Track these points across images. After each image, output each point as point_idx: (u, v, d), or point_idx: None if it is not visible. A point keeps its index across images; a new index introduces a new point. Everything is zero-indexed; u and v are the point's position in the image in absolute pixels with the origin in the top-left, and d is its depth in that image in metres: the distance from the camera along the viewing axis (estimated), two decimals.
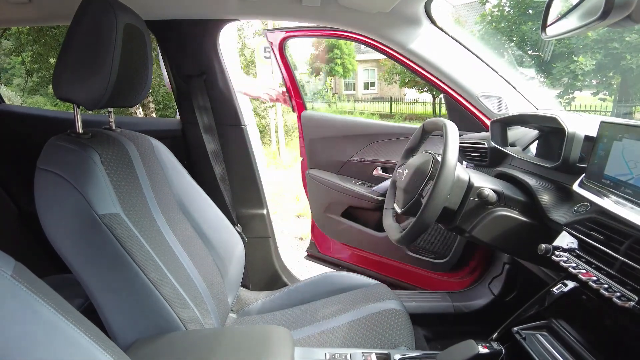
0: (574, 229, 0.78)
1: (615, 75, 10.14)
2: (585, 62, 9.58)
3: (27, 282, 0.42)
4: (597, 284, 0.65)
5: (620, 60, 9.29)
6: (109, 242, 0.71)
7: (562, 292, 0.80)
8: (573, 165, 0.87)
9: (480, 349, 0.72)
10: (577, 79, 10.17)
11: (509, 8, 11.12)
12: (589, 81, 10.64)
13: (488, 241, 0.92)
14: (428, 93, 14.70)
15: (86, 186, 0.72)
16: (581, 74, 9.82)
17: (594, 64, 9.62)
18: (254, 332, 0.79)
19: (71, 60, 0.76)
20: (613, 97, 10.45)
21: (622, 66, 9.34)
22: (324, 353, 0.81)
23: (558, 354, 0.73)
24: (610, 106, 10.29)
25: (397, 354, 0.82)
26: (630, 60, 9.14)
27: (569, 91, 10.59)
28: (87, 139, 0.81)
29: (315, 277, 1.23)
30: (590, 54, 9.62)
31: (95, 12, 0.75)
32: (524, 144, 1.22)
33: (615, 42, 9.19)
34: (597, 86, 10.67)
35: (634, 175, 0.64)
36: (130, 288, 0.72)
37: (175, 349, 0.69)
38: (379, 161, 1.71)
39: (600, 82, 10.59)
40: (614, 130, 0.70)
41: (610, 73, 10.15)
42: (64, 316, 0.44)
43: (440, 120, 0.93)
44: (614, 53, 9.31)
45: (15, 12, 1.17)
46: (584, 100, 10.53)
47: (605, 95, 10.63)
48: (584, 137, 0.86)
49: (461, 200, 0.90)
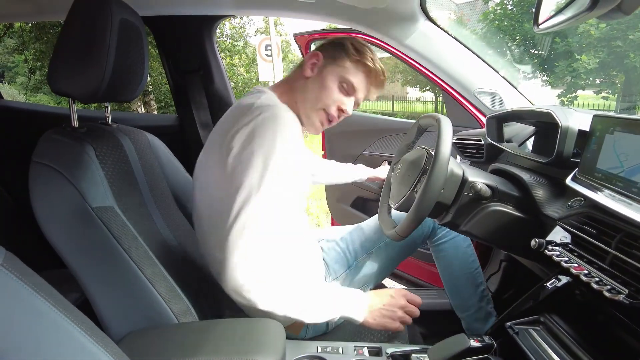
0: (568, 223, 0.78)
1: (618, 74, 10.08)
2: (588, 61, 9.51)
3: (17, 272, 0.42)
4: (588, 278, 0.64)
5: (624, 58, 9.23)
6: (102, 235, 0.72)
7: (556, 287, 0.80)
8: (567, 160, 0.87)
9: (471, 342, 0.72)
10: (579, 78, 10.11)
11: (511, 6, 11.07)
12: (591, 80, 10.58)
13: (482, 236, 0.92)
14: (430, 92, 14.67)
15: (80, 179, 0.73)
16: (584, 72, 9.76)
17: (597, 63, 9.55)
18: (246, 325, 0.79)
19: (67, 54, 0.77)
20: (616, 96, 10.39)
21: (625, 64, 9.27)
22: (315, 346, 0.81)
23: (550, 348, 0.73)
24: (614, 105, 10.23)
25: (389, 347, 0.82)
26: (634, 59, 9.07)
27: (571, 90, 10.53)
28: (82, 133, 0.82)
29: None
30: (593, 52, 9.56)
31: (90, 7, 0.76)
32: (520, 140, 1.22)
33: (619, 40, 9.12)
34: (600, 85, 10.61)
35: (625, 167, 0.64)
36: (123, 281, 0.73)
37: (167, 341, 0.69)
38: (387, 155, 1.79)
39: (603, 81, 10.54)
40: (606, 123, 0.70)
41: (613, 71, 10.09)
42: (54, 307, 0.44)
43: (435, 116, 0.93)
44: (617, 51, 9.25)
45: (12, 7, 1.17)
46: (587, 99, 10.48)
47: (608, 93, 10.57)
48: (578, 131, 0.86)
49: (455, 195, 0.90)
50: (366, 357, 0.80)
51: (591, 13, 0.53)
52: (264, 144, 0.74)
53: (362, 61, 0.91)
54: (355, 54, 0.91)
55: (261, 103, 0.81)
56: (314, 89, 0.90)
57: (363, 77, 0.93)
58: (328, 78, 0.90)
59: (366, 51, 0.92)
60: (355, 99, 0.94)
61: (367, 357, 0.80)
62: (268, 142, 0.74)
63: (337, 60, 0.91)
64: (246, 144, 0.74)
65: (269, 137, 0.74)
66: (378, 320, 0.84)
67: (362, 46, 0.93)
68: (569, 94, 10.54)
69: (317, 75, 0.91)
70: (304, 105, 0.91)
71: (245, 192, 0.72)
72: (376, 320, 0.84)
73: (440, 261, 1.23)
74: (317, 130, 0.94)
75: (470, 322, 1.20)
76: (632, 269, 0.60)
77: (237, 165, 0.74)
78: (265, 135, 0.74)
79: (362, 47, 0.93)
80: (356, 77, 0.91)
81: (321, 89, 0.90)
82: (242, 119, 0.78)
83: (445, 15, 15.12)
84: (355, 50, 0.92)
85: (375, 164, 1.76)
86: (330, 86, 0.90)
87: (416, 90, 15.78)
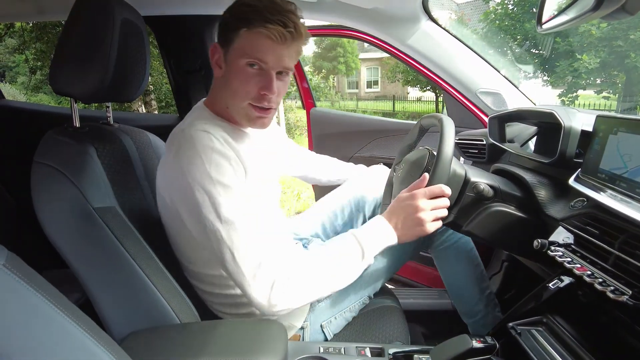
0: (570, 224, 0.78)
1: (619, 74, 10.08)
2: (589, 61, 9.51)
3: (20, 272, 0.42)
4: (591, 278, 0.64)
5: (625, 58, 9.23)
6: (104, 235, 0.72)
7: (558, 288, 0.79)
8: (570, 160, 0.87)
9: (474, 343, 0.72)
10: (580, 77, 10.11)
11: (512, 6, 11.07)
12: (592, 79, 10.58)
13: (484, 236, 0.92)
14: (431, 91, 14.67)
15: (82, 179, 0.73)
16: (585, 72, 9.76)
17: (598, 62, 9.55)
18: (248, 325, 0.79)
19: (68, 54, 0.77)
20: (617, 96, 10.39)
21: (626, 64, 9.28)
22: (317, 347, 0.81)
23: (552, 349, 0.72)
24: (615, 105, 10.23)
25: (391, 348, 0.82)
26: (635, 59, 9.07)
27: (572, 89, 10.54)
28: (83, 133, 0.82)
29: None
30: (594, 52, 9.56)
31: (92, 7, 0.76)
32: (522, 140, 1.22)
33: (620, 40, 9.12)
34: (601, 84, 10.61)
35: (629, 168, 0.64)
36: (124, 281, 0.73)
37: (169, 341, 0.69)
38: (382, 157, 1.73)
39: (604, 81, 10.54)
40: (610, 124, 0.70)
41: (614, 71, 10.09)
42: (56, 307, 0.44)
43: (437, 116, 0.93)
44: (618, 51, 9.25)
45: (14, 7, 1.18)
46: (588, 99, 10.48)
47: (609, 93, 10.57)
48: (581, 131, 0.86)
49: (457, 195, 0.90)
50: (368, 357, 0.80)
51: (595, 13, 0.52)
52: (195, 175, 0.71)
53: (248, 24, 0.74)
54: (239, 22, 0.75)
55: (181, 127, 0.78)
56: (229, 86, 0.79)
57: (260, 38, 0.74)
58: (233, 65, 0.78)
59: (246, 11, 0.75)
60: (275, 69, 0.77)
61: (369, 358, 0.80)
62: (198, 172, 0.71)
63: (230, 42, 0.77)
64: (181, 177, 0.72)
65: (196, 165, 0.71)
66: (412, 232, 0.81)
67: (241, 7, 0.76)
68: (569, 93, 10.54)
69: (225, 69, 0.80)
70: (231, 106, 0.81)
71: (215, 229, 0.70)
72: (410, 232, 0.81)
73: (444, 266, 1.17)
74: (262, 124, 0.82)
75: (477, 329, 1.15)
76: (635, 270, 0.60)
77: (185, 203, 0.73)
78: (190, 164, 0.72)
79: (241, 9, 0.76)
80: (255, 45, 0.75)
81: (234, 81, 0.78)
82: (169, 148, 0.77)
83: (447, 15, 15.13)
84: (237, 18, 0.76)
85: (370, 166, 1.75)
86: (239, 73, 0.77)
87: (417, 90, 15.78)
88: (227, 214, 0.70)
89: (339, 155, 1.79)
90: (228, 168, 0.74)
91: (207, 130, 0.75)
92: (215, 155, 0.73)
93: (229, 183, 0.72)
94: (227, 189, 0.72)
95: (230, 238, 0.70)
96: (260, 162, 0.86)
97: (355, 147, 1.81)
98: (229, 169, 0.74)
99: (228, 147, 0.77)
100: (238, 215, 0.71)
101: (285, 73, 0.80)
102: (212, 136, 0.75)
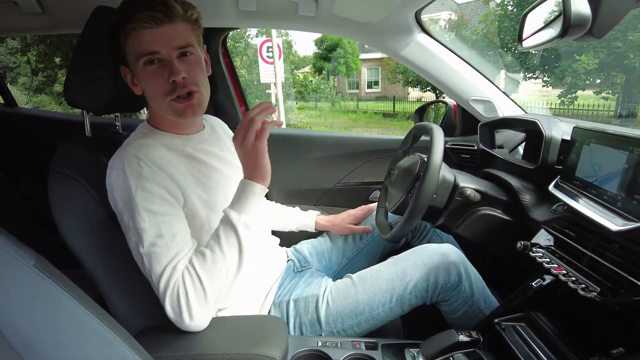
0: (551, 226, 0.84)
1: (618, 74, 10.11)
2: (588, 61, 9.55)
3: (48, 272, 0.47)
4: (565, 277, 0.70)
5: (624, 59, 9.26)
6: (119, 237, 0.77)
7: (541, 286, 0.85)
8: (551, 167, 0.92)
9: (460, 337, 0.77)
10: (579, 78, 10.14)
11: (512, 7, 11.10)
12: (591, 80, 10.60)
13: (472, 238, 0.98)
14: (431, 92, 14.69)
15: (96, 187, 0.79)
16: (584, 73, 9.80)
17: (597, 63, 9.58)
18: (252, 320, 0.85)
19: (80, 68, 0.83)
20: (616, 96, 10.41)
21: (625, 65, 9.31)
22: (315, 341, 0.87)
23: (534, 343, 0.78)
24: (614, 105, 10.26)
25: (384, 341, 0.88)
26: (634, 59, 9.10)
27: (571, 90, 10.56)
28: (96, 142, 0.88)
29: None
30: (593, 53, 9.59)
31: (103, 22, 0.82)
32: (511, 146, 1.27)
33: (619, 41, 9.15)
34: (600, 85, 10.64)
35: (599, 177, 0.70)
36: (139, 279, 0.78)
37: (179, 335, 0.75)
38: (373, 182, 1.51)
39: (603, 81, 10.56)
40: (584, 135, 0.76)
41: (613, 72, 10.12)
42: (82, 305, 0.48)
43: (428, 124, 0.99)
44: (617, 52, 9.28)
45: (29, 22, 1.23)
46: (587, 100, 10.50)
47: (608, 94, 10.60)
48: (561, 140, 0.91)
49: (447, 200, 0.96)
50: (363, 350, 0.86)
51: (563, 39, 0.58)
52: (124, 200, 0.75)
53: (122, 27, 0.75)
54: (116, 31, 0.77)
55: (121, 148, 0.81)
56: (147, 94, 0.82)
57: (136, 32, 0.74)
58: (138, 73, 0.79)
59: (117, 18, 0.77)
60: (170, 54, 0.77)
61: (364, 351, 0.85)
62: (122, 188, 0.75)
63: (125, 54, 0.79)
64: (115, 200, 0.77)
65: (126, 191, 0.75)
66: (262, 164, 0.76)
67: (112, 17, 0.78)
68: (569, 94, 10.57)
69: (138, 82, 0.82)
70: (159, 110, 0.84)
71: (136, 252, 0.75)
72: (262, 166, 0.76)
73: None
74: (193, 112, 0.81)
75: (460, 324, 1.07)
76: (605, 269, 0.66)
77: (121, 223, 0.77)
78: (120, 191, 0.75)
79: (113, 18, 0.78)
80: (137, 42, 0.75)
81: (147, 87, 0.80)
82: (109, 166, 0.79)
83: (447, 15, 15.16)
84: (115, 30, 0.77)
85: (360, 193, 1.52)
86: (145, 76, 0.78)
87: (417, 91, 15.80)
88: (148, 240, 0.73)
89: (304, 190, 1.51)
90: (156, 194, 0.76)
91: (137, 155, 0.76)
92: (142, 181, 0.75)
93: (154, 209, 0.75)
94: (151, 215, 0.74)
95: (150, 262, 0.73)
96: (208, 165, 0.88)
97: (340, 174, 1.52)
98: (157, 194, 0.76)
99: (159, 172, 0.77)
100: (160, 243, 0.74)
101: (188, 53, 0.79)
102: (141, 162, 0.76)
